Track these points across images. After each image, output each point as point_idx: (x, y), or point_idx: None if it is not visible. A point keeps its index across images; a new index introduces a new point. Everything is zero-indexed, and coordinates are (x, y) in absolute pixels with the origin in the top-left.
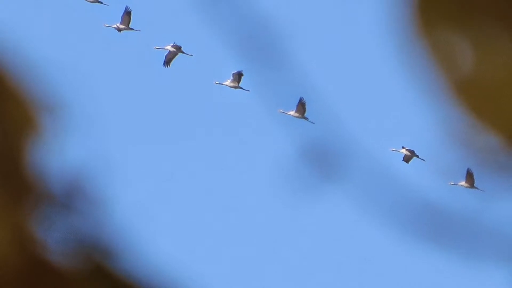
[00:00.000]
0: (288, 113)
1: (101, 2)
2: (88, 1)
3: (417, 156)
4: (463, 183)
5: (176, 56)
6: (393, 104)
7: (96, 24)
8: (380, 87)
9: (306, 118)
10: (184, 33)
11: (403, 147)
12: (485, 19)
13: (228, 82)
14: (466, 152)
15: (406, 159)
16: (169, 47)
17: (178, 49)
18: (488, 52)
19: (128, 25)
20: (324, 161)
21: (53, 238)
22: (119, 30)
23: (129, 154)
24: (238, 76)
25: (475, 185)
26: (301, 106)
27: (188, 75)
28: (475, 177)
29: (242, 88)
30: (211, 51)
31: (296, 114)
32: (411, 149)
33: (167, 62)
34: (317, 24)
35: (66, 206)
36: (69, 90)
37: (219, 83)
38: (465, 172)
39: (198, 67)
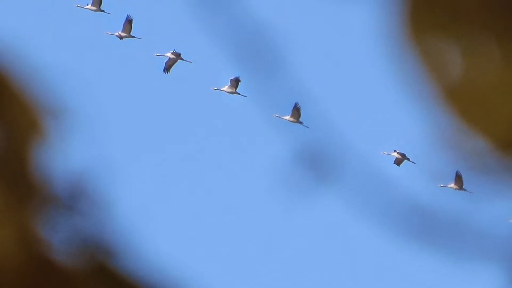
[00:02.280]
0: (284, 117)
1: (104, 11)
2: (91, 10)
3: (408, 159)
4: (452, 185)
5: (176, 63)
6: (385, 109)
7: (99, 32)
8: (372, 93)
9: (301, 123)
10: (183, 40)
11: (394, 151)
12: (473, 27)
13: (225, 88)
14: (455, 155)
15: (398, 162)
16: (169, 54)
17: (178, 56)
18: (477, 59)
19: (129, 33)
20: (318, 164)
21: (57, 238)
22: (121, 37)
23: (131, 157)
24: (235, 82)
25: (464, 187)
26: (296, 111)
27: (187, 81)
28: (464, 179)
29: (239, 94)
30: (210, 58)
31: (292, 119)
32: (402, 152)
33: (167, 69)
34: (312, 31)
35: (69, 207)
36: (72, 95)
37: (217, 89)
38: (454, 175)
39: (197, 73)
